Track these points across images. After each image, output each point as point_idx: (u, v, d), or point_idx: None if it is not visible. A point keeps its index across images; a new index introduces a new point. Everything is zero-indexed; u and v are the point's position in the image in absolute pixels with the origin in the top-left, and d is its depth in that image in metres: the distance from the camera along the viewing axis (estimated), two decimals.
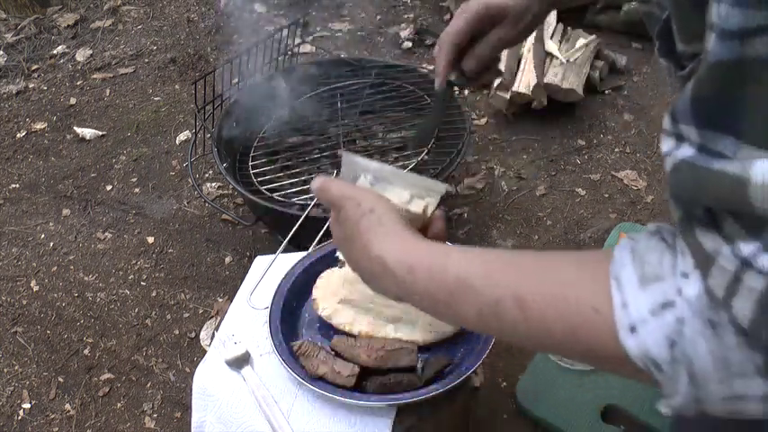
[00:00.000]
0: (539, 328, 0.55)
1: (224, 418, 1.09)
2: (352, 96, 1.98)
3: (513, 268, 0.59)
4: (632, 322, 0.47)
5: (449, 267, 0.62)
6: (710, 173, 0.42)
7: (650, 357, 0.47)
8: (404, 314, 1.11)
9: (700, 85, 0.43)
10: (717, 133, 0.42)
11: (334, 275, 1.17)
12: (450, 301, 0.61)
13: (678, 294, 0.46)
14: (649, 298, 0.47)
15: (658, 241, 0.50)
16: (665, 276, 0.47)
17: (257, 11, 3.06)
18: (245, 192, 1.67)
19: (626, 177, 2.06)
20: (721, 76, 0.41)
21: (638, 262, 0.49)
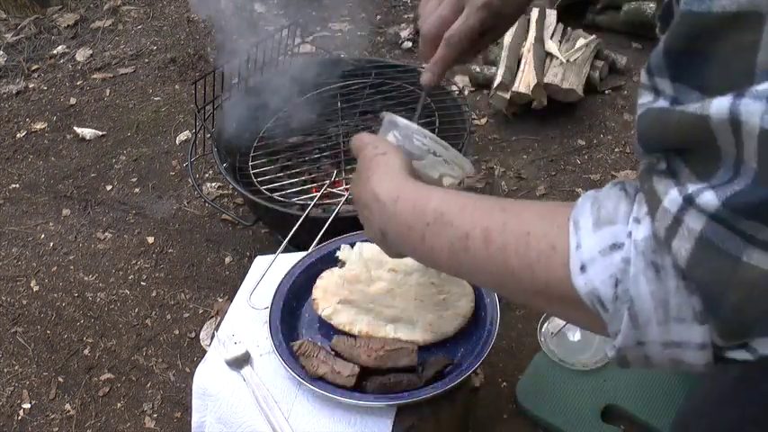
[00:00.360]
0: (499, 263, 0.58)
1: (224, 418, 1.09)
2: (352, 96, 1.97)
3: (485, 206, 0.63)
4: (583, 261, 0.50)
5: (431, 202, 0.67)
6: (674, 113, 0.44)
7: (596, 295, 0.49)
8: (403, 314, 1.11)
9: (672, 36, 0.44)
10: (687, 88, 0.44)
11: (334, 275, 1.17)
12: (426, 232, 0.66)
13: (627, 237, 0.49)
14: (600, 239, 0.50)
15: (618, 190, 0.53)
16: (617, 220, 0.50)
17: (257, 11, 3.06)
18: (245, 192, 1.67)
19: (626, 177, 2.06)
20: (690, 27, 0.43)
21: (596, 207, 0.52)
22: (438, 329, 1.10)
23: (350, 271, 1.15)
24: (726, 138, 0.41)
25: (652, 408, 1.42)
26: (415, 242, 0.69)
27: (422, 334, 1.09)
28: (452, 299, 1.13)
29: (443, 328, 1.10)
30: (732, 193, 0.42)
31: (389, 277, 1.14)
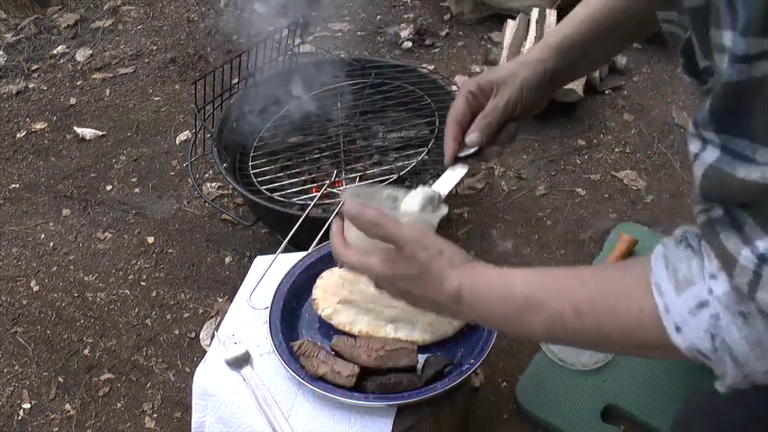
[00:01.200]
0: (595, 331, 0.65)
1: (224, 418, 1.09)
2: (352, 96, 1.97)
3: (566, 282, 0.69)
4: (676, 323, 0.57)
5: (516, 289, 0.72)
6: (736, 179, 0.50)
7: (697, 349, 0.57)
8: (403, 314, 1.11)
9: (716, 100, 0.50)
10: (733, 137, 0.50)
11: (334, 275, 1.17)
12: (519, 318, 0.71)
13: (710, 294, 0.56)
14: (686, 302, 0.57)
15: (685, 248, 0.60)
16: (695, 280, 0.57)
17: (257, 11, 3.06)
18: (245, 192, 1.67)
19: (626, 177, 2.06)
20: (733, 93, 0.49)
21: (672, 270, 0.59)
22: (438, 330, 1.10)
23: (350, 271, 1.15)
24: None
25: (652, 408, 1.42)
26: (510, 325, 0.74)
27: (421, 334, 1.09)
28: None
29: (443, 329, 1.10)
30: None
31: None
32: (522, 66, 0.95)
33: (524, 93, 0.93)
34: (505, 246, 1.88)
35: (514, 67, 0.95)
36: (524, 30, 2.44)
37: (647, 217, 1.93)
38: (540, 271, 0.74)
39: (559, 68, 0.96)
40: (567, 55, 0.97)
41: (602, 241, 1.85)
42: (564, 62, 0.96)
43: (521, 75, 0.94)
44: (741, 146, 0.50)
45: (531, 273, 0.74)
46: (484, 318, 0.78)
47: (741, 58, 0.47)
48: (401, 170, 1.71)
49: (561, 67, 0.96)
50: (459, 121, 0.94)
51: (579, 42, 0.97)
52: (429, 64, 2.61)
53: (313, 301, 1.15)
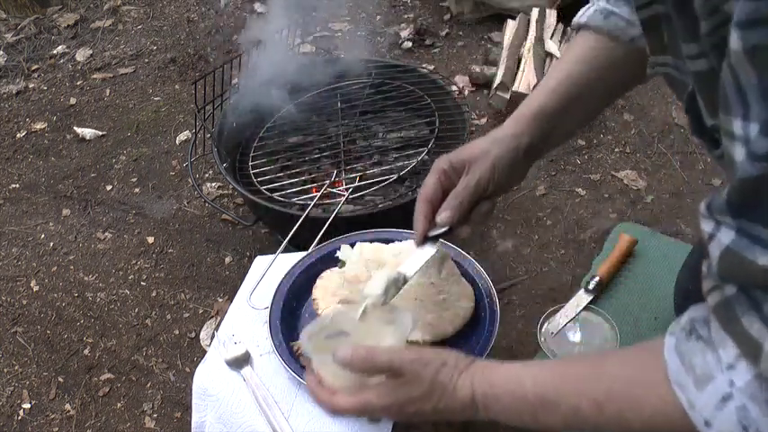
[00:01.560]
0: (619, 422, 0.66)
1: (224, 418, 1.09)
2: (352, 96, 1.97)
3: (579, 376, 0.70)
4: (705, 418, 0.58)
5: (525, 387, 0.72)
6: (757, 266, 0.50)
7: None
8: None
9: (733, 193, 0.51)
10: (750, 222, 0.50)
11: (334, 275, 1.17)
12: (535, 415, 0.72)
13: (731, 386, 0.56)
14: (710, 397, 0.57)
15: (696, 340, 0.60)
16: (714, 374, 0.57)
17: (257, 11, 3.06)
18: (245, 192, 1.67)
19: (626, 177, 2.06)
20: (751, 187, 0.49)
21: (688, 366, 0.59)
22: (438, 329, 1.10)
23: (350, 271, 1.15)
24: None
25: None
26: (527, 423, 0.74)
27: (421, 334, 1.09)
28: (452, 299, 1.13)
29: (443, 328, 1.10)
30: None
31: None
32: (494, 143, 0.92)
33: (497, 171, 0.90)
34: (505, 246, 1.88)
35: (486, 144, 0.92)
36: (524, 30, 2.44)
37: (647, 217, 1.93)
38: (550, 366, 0.76)
39: (535, 141, 0.93)
40: (543, 126, 0.93)
41: (602, 241, 1.85)
42: (540, 134, 0.93)
43: (492, 153, 0.90)
44: (757, 230, 0.49)
45: (542, 369, 0.75)
46: (500, 418, 0.77)
47: (761, 157, 0.46)
48: (401, 170, 1.71)
49: (537, 139, 0.93)
50: (431, 200, 0.92)
51: (555, 110, 0.93)
52: (429, 64, 2.61)
53: (313, 300, 1.15)
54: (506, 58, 2.30)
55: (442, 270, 1.15)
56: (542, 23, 2.43)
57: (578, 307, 1.57)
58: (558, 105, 0.93)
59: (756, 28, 0.43)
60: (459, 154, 0.93)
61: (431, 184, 0.92)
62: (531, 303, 1.73)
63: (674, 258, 1.59)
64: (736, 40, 0.45)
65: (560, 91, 0.93)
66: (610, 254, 1.71)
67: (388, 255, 1.17)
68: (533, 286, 1.78)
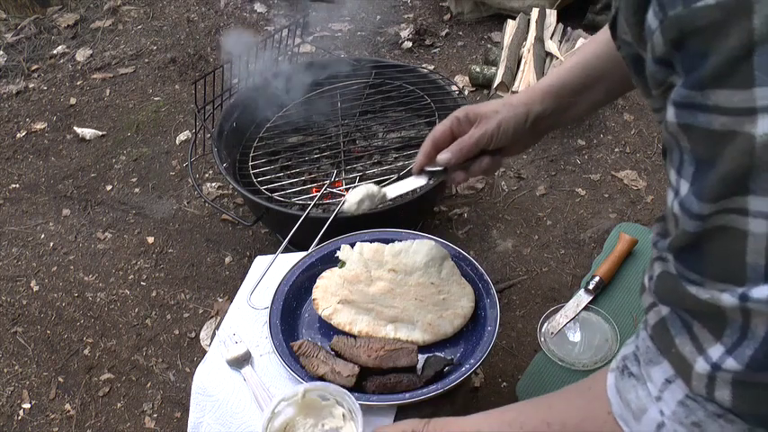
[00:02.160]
0: None
1: (223, 418, 1.09)
2: (352, 96, 1.97)
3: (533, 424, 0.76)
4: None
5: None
6: (688, 293, 0.55)
7: None
8: (403, 314, 1.11)
9: (675, 241, 0.57)
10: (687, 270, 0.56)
11: (334, 275, 1.17)
12: None
13: (662, 415, 0.61)
14: (647, 426, 0.63)
15: (628, 378, 0.66)
16: (647, 406, 0.63)
17: (257, 11, 3.06)
18: (245, 192, 1.67)
19: (626, 177, 2.06)
20: (689, 239, 0.55)
21: (625, 402, 0.65)
22: (438, 329, 1.10)
23: (350, 271, 1.15)
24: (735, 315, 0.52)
25: None
26: None
27: (422, 334, 1.09)
28: (452, 299, 1.13)
29: (443, 329, 1.10)
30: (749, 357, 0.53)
31: (389, 277, 1.14)
32: (504, 106, 1.00)
33: (500, 130, 0.99)
34: (505, 246, 1.88)
35: (498, 105, 1.00)
36: (524, 30, 2.44)
37: (647, 217, 1.93)
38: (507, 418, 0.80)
39: (543, 113, 1.01)
40: (554, 101, 1.00)
41: (602, 241, 1.85)
42: (549, 107, 1.01)
43: (501, 113, 0.99)
44: (693, 277, 0.55)
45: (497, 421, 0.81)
46: None
47: (696, 216, 0.53)
48: (401, 170, 1.71)
49: (545, 112, 1.01)
50: (437, 140, 1.01)
51: (566, 90, 1.01)
52: (429, 64, 2.61)
53: (313, 300, 1.14)
54: (506, 58, 2.30)
55: (442, 270, 1.15)
56: (542, 23, 2.42)
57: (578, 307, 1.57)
58: (569, 86, 1.00)
59: (690, 110, 0.51)
60: (475, 108, 1.00)
61: (442, 126, 1.01)
62: (531, 303, 1.73)
63: None
64: (673, 115, 0.53)
65: (574, 73, 1.00)
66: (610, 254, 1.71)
67: (388, 255, 1.17)
68: (533, 286, 1.78)
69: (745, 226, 0.50)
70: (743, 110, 0.48)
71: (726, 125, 0.49)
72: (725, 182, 0.50)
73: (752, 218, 0.50)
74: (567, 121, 1.09)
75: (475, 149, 0.99)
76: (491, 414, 0.83)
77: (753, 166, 0.49)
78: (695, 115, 0.51)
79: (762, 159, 0.48)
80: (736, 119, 0.48)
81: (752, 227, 0.50)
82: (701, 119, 0.50)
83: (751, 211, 0.50)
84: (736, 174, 0.50)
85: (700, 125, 0.51)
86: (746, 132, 0.48)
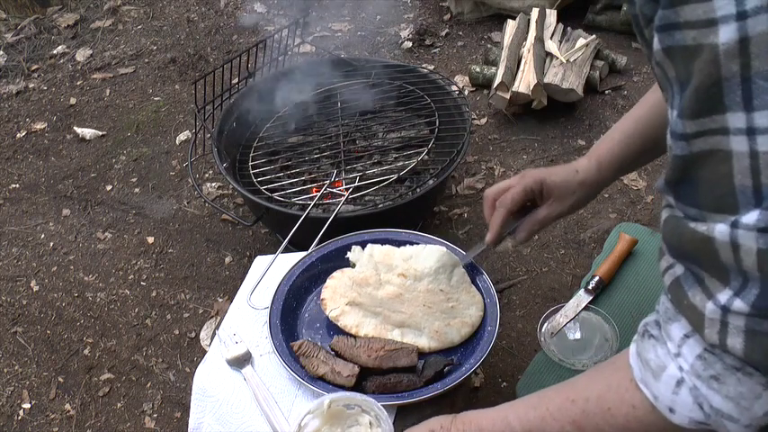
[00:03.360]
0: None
1: (223, 418, 1.08)
2: (352, 96, 1.97)
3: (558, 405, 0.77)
4: (668, 406, 0.64)
5: (514, 427, 0.80)
6: (687, 229, 0.56)
7: (695, 420, 0.63)
8: (411, 320, 1.11)
9: (668, 171, 0.58)
10: (686, 206, 0.57)
11: (344, 276, 1.16)
12: None
13: (681, 371, 0.62)
14: (667, 384, 0.63)
15: (648, 339, 0.67)
16: (666, 363, 0.64)
17: (257, 11, 3.06)
18: (245, 192, 1.67)
19: (626, 177, 2.06)
20: (680, 165, 0.56)
21: (644, 363, 0.66)
22: (445, 337, 1.09)
23: (360, 273, 1.15)
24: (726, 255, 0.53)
25: None
26: None
27: (428, 341, 1.09)
28: (461, 307, 1.12)
29: (450, 336, 1.09)
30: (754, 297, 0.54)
31: (399, 282, 1.13)
32: (580, 186, 1.05)
33: (572, 210, 1.07)
34: (505, 246, 1.88)
35: (573, 183, 1.05)
36: (524, 30, 2.44)
37: (647, 217, 1.93)
38: (532, 403, 0.81)
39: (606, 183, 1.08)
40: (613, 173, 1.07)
41: (602, 241, 1.85)
42: (607, 179, 1.07)
43: (576, 195, 1.05)
44: (692, 212, 0.56)
45: (525, 406, 0.81)
46: None
47: (680, 136, 0.55)
48: (401, 170, 1.71)
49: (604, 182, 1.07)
50: (510, 210, 1.05)
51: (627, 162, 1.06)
52: (429, 64, 2.61)
53: (321, 300, 1.14)
54: (506, 58, 2.30)
55: (452, 277, 1.15)
56: (542, 23, 2.42)
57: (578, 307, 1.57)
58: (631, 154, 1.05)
59: (668, 31, 0.53)
60: (548, 179, 1.04)
61: (517, 197, 1.05)
62: (531, 303, 1.73)
63: None
64: (657, 42, 0.54)
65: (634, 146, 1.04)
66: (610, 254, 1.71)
67: (398, 258, 1.16)
68: (533, 286, 1.78)
69: (728, 146, 0.51)
70: (706, 21, 0.50)
71: (696, 39, 0.51)
72: (697, 95, 0.52)
73: (732, 136, 0.51)
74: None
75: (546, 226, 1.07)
76: (515, 402, 0.84)
77: (721, 78, 0.50)
78: (672, 35, 0.53)
79: (727, 68, 0.49)
80: (701, 31, 0.50)
81: (734, 145, 0.51)
82: (677, 37, 0.52)
83: (731, 129, 0.51)
84: (707, 85, 0.51)
85: (677, 44, 0.53)
86: (711, 43, 0.50)
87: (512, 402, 0.85)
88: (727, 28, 0.49)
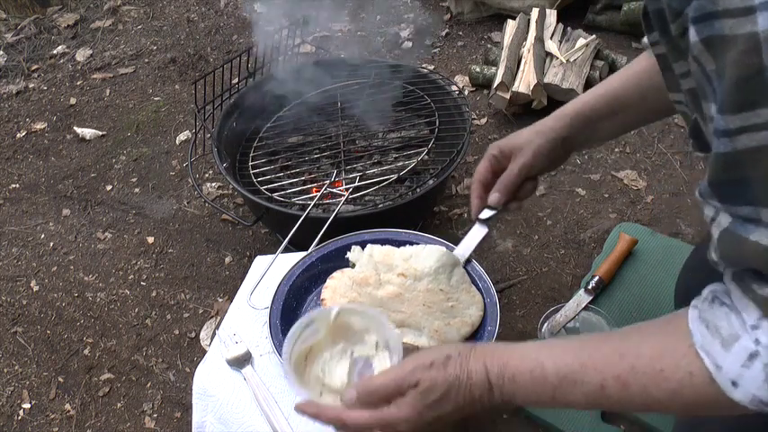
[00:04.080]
0: (643, 397, 0.67)
1: (224, 418, 1.09)
2: (352, 96, 1.97)
3: (602, 355, 0.70)
4: (732, 379, 0.60)
5: (545, 367, 0.72)
6: (748, 243, 0.54)
7: (759, 400, 0.59)
8: (411, 320, 1.11)
9: (712, 171, 0.55)
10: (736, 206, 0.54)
11: (344, 276, 1.16)
12: (556, 394, 0.72)
13: (757, 344, 0.58)
14: (737, 356, 0.59)
15: (720, 306, 0.62)
16: (740, 334, 0.59)
17: (257, 11, 3.06)
18: (245, 192, 1.67)
19: (626, 177, 2.06)
20: (723, 163, 0.54)
21: (713, 329, 0.61)
22: (445, 337, 1.09)
23: (359, 273, 1.15)
24: None
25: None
26: (545, 402, 0.74)
27: (428, 340, 1.09)
28: (461, 307, 1.12)
29: (450, 336, 1.09)
30: None
31: (398, 282, 1.13)
32: (536, 134, 1.08)
33: (537, 159, 1.08)
34: (505, 246, 1.88)
35: (530, 135, 1.09)
36: (524, 30, 2.44)
37: (647, 217, 1.93)
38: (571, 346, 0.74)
39: (572, 137, 1.09)
40: (580, 126, 1.08)
41: (602, 241, 1.85)
42: (576, 132, 1.09)
43: (534, 143, 1.08)
44: (746, 211, 0.54)
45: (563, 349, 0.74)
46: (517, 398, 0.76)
47: (722, 133, 0.52)
48: (401, 170, 1.71)
49: (573, 136, 1.09)
50: (483, 181, 1.10)
51: (593, 117, 1.08)
52: (429, 64, 2.61)
53: (321, 301, 1.14)
54: (506, 58, 2.30)
55: (452, 277, 1.15)
56: (542, 23, 2.42)
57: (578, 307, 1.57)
58: (596, 113, 1.07)
59: (705, 22, 0.51)
60: (508, 142, 1.09)
61: (483, 167, 1.10)
62: (531, 303, 1.73)
63: (674, 258, 1.59)
64: (693, 34, 0.53)
65: (600, 101, 1.07)
66: (610, 254, 1.71)
67: (398, 258, 1.16)
68: (533, 286, 1.78)
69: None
70: (743, 9, 0.49)
71: (733, 28, 0.49)
72: (737, 87, 0.50)
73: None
74: (598, 141, 1.19)
75: (519, 182, 1.09)
76: (550, 342, 0.78)
77: (764, 67, 0.48)
78: (711, 24, 0.51)
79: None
80: (739, 20, 0.49)
81: None
82: (716, 26, 0.51)
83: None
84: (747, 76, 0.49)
85: (716, 33, 0.51)
86: (747, 32, 0.48)
87: (545, 341, 0.78)
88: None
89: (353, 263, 1.18)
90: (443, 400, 0.76)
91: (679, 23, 0.55)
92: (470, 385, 0.75)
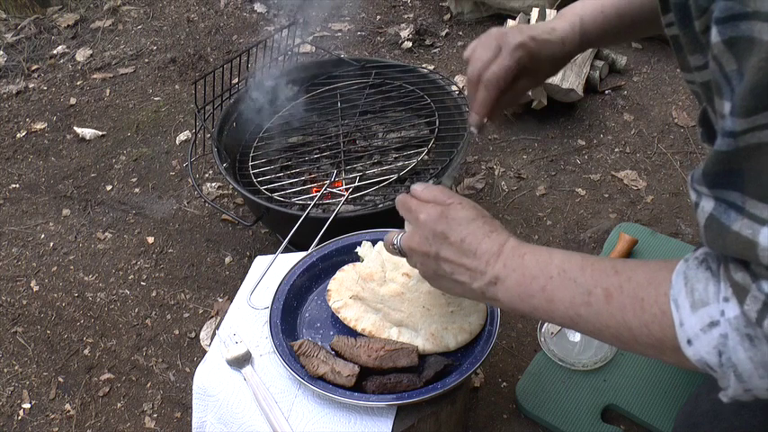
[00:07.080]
0: (618, 319, 0.69)
1: (224, 418, 1.09)
2: (352, 96, 1.97)
3: (601, 267, 0.73)
4: (689, 337, 0.63)
5: (553, 259, 0.77)
6: (731, 234, 0.56)
7: (704, 362, 0.62)
8: (409, 320, 1.11)
9: (708, 163, 0.57)
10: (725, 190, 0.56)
11: (353, 271, 1.17)
12: (549, 284, 0.76)
13: (721, 315, 0.60)
14: (699, 320, 0.62)
15: (704, 270, 0.64)
16: (710, 302, 0.62)
17: (257, 11, 3.06)
18: (245, 192, 1.67)
19: (626, 177, 2.06)
20: (723, 159, 0.55)
21: (689, 289, 0.64)
22: (440, 341, 1.09)
23: (366, 268, 1.15)
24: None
25: (652, 408, 1.42)
26: (535, 290, 0.77)
27: (423, 342, 1.08)
28: (462, 313, 1.12)
29: (446, 341, 1.09)
30: None
31: (402, 281, 1.13)
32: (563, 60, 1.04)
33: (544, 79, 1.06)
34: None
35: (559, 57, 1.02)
36: None
37: (647, 217, 1.93)
38: (579, 255, 0.78)
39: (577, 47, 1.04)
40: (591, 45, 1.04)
41: (602, 241, 1.85)
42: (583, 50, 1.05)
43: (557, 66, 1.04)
44: (732, 197, 0.55)
45: (568, 252, 0.79)
46: (512, 281, 0.80)
47: (729, 134, 0.53)
48: (401, 170, 1.71)
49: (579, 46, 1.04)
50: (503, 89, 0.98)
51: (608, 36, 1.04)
52: (429, 64, 2.61)
53: (327, 291, 1.15)
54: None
55: None
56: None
57: None
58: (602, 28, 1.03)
59: (730, 23, 0.51)
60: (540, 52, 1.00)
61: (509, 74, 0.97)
62: None
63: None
64: (716, 34, 0.52)
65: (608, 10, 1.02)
66: (610, 254, 1.71)
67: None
68: None
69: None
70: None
71: (762, 32, 0.49)
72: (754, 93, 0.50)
73: None
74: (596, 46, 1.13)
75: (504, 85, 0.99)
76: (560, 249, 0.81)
77: None
78: (737, 26, 0.50)
79: None
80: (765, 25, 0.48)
81: None
82: (743, 27, 0.50)
83: None
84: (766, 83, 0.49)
85: (742, 34, 0.50)
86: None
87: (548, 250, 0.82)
88: None
89: (362, 257, 1.19)
90: (464, 223, 0.83)
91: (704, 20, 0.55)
92: (487, 235, 0.82)
